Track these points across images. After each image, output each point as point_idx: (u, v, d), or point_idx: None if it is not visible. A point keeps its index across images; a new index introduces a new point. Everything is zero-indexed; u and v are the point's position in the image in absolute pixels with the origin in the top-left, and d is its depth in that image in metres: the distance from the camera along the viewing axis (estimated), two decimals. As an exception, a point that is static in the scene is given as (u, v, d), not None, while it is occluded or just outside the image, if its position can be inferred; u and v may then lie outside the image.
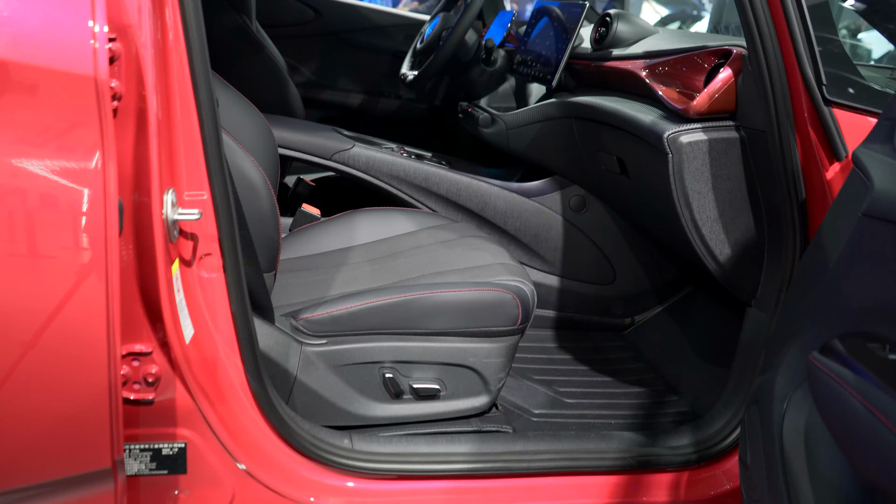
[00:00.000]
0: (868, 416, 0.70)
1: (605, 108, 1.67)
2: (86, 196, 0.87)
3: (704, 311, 1.99)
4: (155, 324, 1.04)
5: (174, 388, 1.08)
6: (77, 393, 0.93)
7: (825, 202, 1.27)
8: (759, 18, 1.22)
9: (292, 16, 2.45)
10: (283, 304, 1.43)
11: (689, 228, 1.45)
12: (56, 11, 0.85)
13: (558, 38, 1.96)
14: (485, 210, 1.99)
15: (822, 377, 0.82)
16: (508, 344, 1.45)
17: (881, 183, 0.91)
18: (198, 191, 1.07)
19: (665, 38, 1.73)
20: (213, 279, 1.10)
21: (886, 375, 0.73)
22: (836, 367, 0.79)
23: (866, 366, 0.76)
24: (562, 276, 2.04)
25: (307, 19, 2.49)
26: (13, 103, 0.84)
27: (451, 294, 1.40)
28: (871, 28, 1.48)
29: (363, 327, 1.37)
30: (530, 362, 1.88)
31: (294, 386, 1.32)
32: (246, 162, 1.26)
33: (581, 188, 2.00)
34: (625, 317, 2.10)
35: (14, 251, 0.86)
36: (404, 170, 1.96)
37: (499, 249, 1.64)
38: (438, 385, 1.42)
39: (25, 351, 0.89)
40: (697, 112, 1.37)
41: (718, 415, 1.46)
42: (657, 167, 1.45)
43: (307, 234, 1.75)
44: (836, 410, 0.79)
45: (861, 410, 0.71)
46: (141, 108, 0.96)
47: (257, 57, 2.08)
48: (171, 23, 0.98)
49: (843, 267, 0.96)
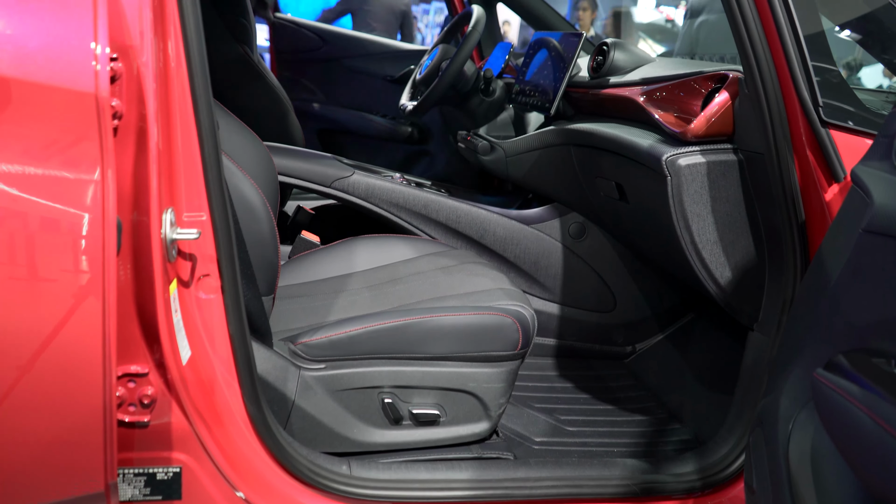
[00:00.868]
0: (876, 429, 0.69)
1: (604, 134, 1.68)
2: (84, 214, 0.87)
3: (706, 338, 1.98)
4: (151, 344, 1.03)
5: (170, 410, 1.06)
6: (71, 414, 0.92)
7: (825, 223, 1.26)
8: (755, 42, 1.23)
9: (305, 44, 2.86)
10: (281, 329, 1.42)
11: (689, 251, 1.44)
12: (59, 31, 0.86)
13: (556, 67, 1.99)
14: (484, 237, 1.99)
15: (827, 393, 0.81)
16: (509, 369, 1.44)
17: (881, 198, 0.91)
18: (197, 212, 1.07)
19: (661, 65, 1.75)
20: (210, 300, 1.09)
21: (893, 388, 0.72)
22: (842, 382, 0.78)
23: (872, 380, 0.75)
24: (562, 304, 2.03)
25: (315, 46, 2.90)
26: (14, 120, 0.84)
27: (451, 318, 1.39)
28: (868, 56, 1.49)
29: (362, 352, 1.35)
30: (531, 390, 1.86)
31: (292, 411, 1.31)
32: (245, 185, 1.26)
33: (580, 215, 2.00)
34: (626, 345, 2.08)
35: (10, 269, 0.86)
36: (404, 197, 1.97)
37: (499, 275, 1.63)
38: (438, 410, 1.40)
39: (17, 370, 0.87)
40: (695, 135, 1.38)
41: (723, 441, 1.44)
42: (656, 191, 1.45)
43: (306, 260, 1.74)
44: (843, 425, 0.77)
45: (868, 423, 0.70)
46: (141, 127, 0.97)
47: (258, 86, 2.10)
48: (172, 43, 0.99)
49: (844, 284, 0.96)
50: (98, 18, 0.87)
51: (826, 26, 1.33)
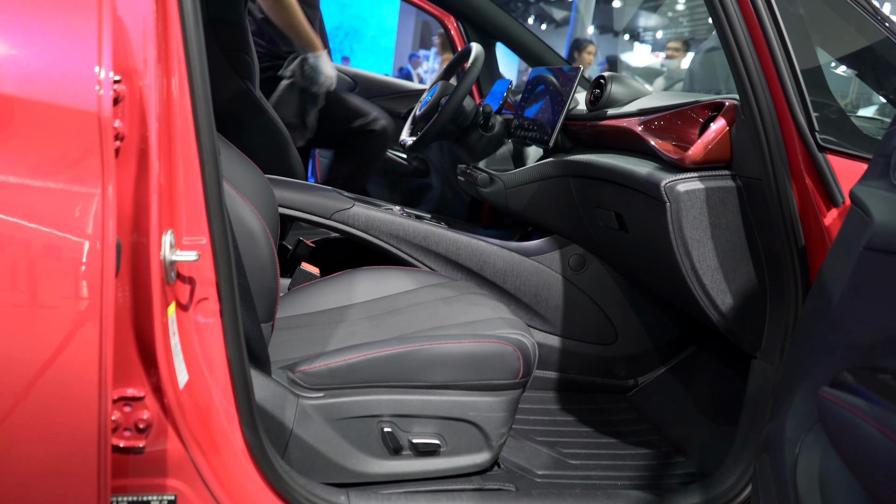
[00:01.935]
0: (885, 441, 0.68)
1: (602, 164, 1.69)
2: (84, 233, 0.87)
3: (708, 370, 1.96)
4: (148, 368, 1.01)
5: (166, 435, 1.04)
6: (64, 439, 0.90)
7: (825, 248, 1.26)
8: (750, 68, 1.25)
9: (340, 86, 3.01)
10: (279, 358, 1.41)
11: (690, 278, 1.44)
12: (65, 53, 0.87)
13: (554, 101, 2.01)
14: (484, 269, 1.98)
15: (834, 410, 0.79)
16: (510, 398, 1.42)
17: (880, 216, 0.91)
18: (197, 236, 1.07)
19: (658, 97, 1.77)
20: (209, 324, 1.08)
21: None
22: (848, 398, 0.77)
23: (878, 393, 0.74)
24: (563, 337, 2.02)
25: (351, 87, 3.10)
26: (17, 138, 0.85)
27: (451, 346, 1.38)
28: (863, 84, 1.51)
29: (361, 380, 1.34)
30: (533, 423, 1.84)
31: (290, 440, 1.28)
32: (246, 210, 1.26)
33: (580, 247, 2.00)
34: (627, 378, 2.06)
35: (7, 289, 0.85)
36: (403, 229, 1.97)
37: (499, 305, 1.62)
38: (438, 440, 1.38)
39: (10, 391, 0.86)
40: (693, 161, 1.39)
41: (728, 472, 1.42)
42: (656, 218, 1.46)
43: (306, 292, 1.74)
44: (852, 440, 0.76)
45: (877, 436, 0.69)
46: (143, 149, 0.97)
47: (260, 120, 2.13)
48: (175, 67, 1.01)
49: (847, 303, 0.95)
50: (102, 41, 0.88)
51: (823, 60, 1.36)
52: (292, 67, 2.37)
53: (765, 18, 1.23)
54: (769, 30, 1.23)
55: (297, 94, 2.36)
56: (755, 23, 1.23)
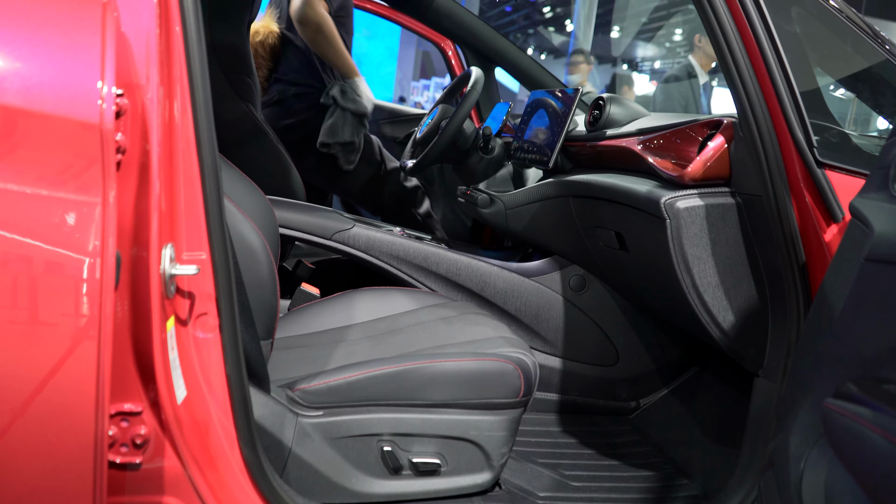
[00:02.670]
0: (891, 449, 0.67)
1: (602, 184, 1.70)
2: (84, 246, 0.86)
3: (711, 391, 1.95)
4: (146, 382, 1.01)
5: (163, 451, 1.03)
6: (59, 454, 0.89)
7: (825, 264, 1.26)
8: (747, 85, 1.26)
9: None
10: (279, 377, 1.40)
11: (691, 296, 1.43)
12: (68, 66, 0.88)
13: (553, 123, 2.02)
14: (484, 290, 1.98)
15: (839, 420, 0.78)
16: (511, 417, 1.41)
17: (880, 227, 0.91)
18: (197, 251, 1.07)
19: (656, 118, 1.78)
20: (208, 339, 1.08)
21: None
22: (853, 407, 0.76)
23: (883, 402, 0.73)
24: (564, 358, 2.01)
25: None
26: (19, 149, 0.85)
27: (452, 364, 1.37)
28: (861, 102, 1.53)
29: (361, 398, 1.33)
30: (534, 445, 1.82)
31: (289, 459, 1.27)
32: (246, 227, 1.26)
33: (580, 268, 2.00)
34: (629, 400, 2.04)
35: (5, 299, 0.85)
36: (404, 249, 1.97)
37: (499, 324, 1.62)
38: (439, 460, 1.36)
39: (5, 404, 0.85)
40: (692, 178, 1.39)
41: (733, 492, 1.40)
42: (656, 236, 1.46)
43: (305, 312, 1.73)
44: (857, 449, 0.75)
45: (882, 444, 0.68)
46: (144, 162, 0.97)
47: (261, 143, 2.14)
48: (178, 81, 1.01)
49: (849, 315, 0.94)
50: (106, 55, 0.89)
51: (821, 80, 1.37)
52: (334, 93, 2.41)
53: (761, 36, 1.24)
54: (766, 47, 1.24)
55: (348, 116, 2.40)
56: (752, 40, 1.25)
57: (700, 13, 1.29)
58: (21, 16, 0.90)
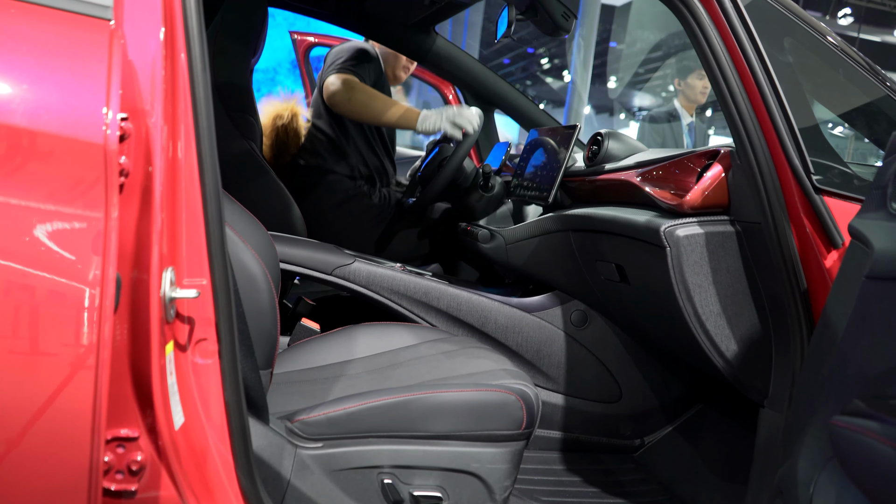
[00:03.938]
0: (900, 459, 0.66)
1: (601, 217, 1.70)
2: (85, 266, 0.87)
3: (716, 427, 1.92)
4: (144, 408, 0.99)
5: (159, 479, 1.01)
6: (52, 481, 0.87)
7: (827, 290, 1.26)
8: (743, 113, 1.27)
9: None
10: (277, 410, 1.38)
11: (693, 325, 1.42)
12: (74, 90, 0.90)
13: (552, 159, 2.04)
14: (485, 325, 1.97)
15: (848, 436, 0.77)
16: (514, 450, 1.38)
17: (880, 244, 0.91)
18: (197, 277, 1.07)
19: (655, 151, 1.80)
20: (207, 365, 1.06)
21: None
22: (861, 422, 0.75)
23: (892, 415, 0.72)
24: (566, 394, 1.99)
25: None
26: (24, 170, 0.86)
27: (453, 395, 1.36)
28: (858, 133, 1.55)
29: (361, 430, 1.31)
30: (538, 483, 1.79)
31: (287, 491, 1.24)
32: (247, 255, 1.26)
33: (582, 303, 1.99)
34: (633, 437, 2.01)
35: (2, 317, 0.85)
36: (405, 285, 1.97)
37: (501, 357, 1.60)
38: (440, 493, 1.33)
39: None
40: (691, 206, 1.40)
41: (741, 527, 1.37)
42: (657, 266, 1.46)
43: (305, 347, 1.72)
44: (867, 463, 0.74)
45: (892, 455, 0.67)
46: (147, 186, 0.98)
47: (263, 180, 2.16)
48: (182, 107, 1.03)
49: (852, 335, 0.94)
50: (112, 80, 0.90)
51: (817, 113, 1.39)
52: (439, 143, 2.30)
53: (755, 66, 1.26)
54: (760, 76, 1.26)
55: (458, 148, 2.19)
56: (745, 70, 1.27)
57: (693, 42, 1.32)
58: (31, 42, 0.92)
